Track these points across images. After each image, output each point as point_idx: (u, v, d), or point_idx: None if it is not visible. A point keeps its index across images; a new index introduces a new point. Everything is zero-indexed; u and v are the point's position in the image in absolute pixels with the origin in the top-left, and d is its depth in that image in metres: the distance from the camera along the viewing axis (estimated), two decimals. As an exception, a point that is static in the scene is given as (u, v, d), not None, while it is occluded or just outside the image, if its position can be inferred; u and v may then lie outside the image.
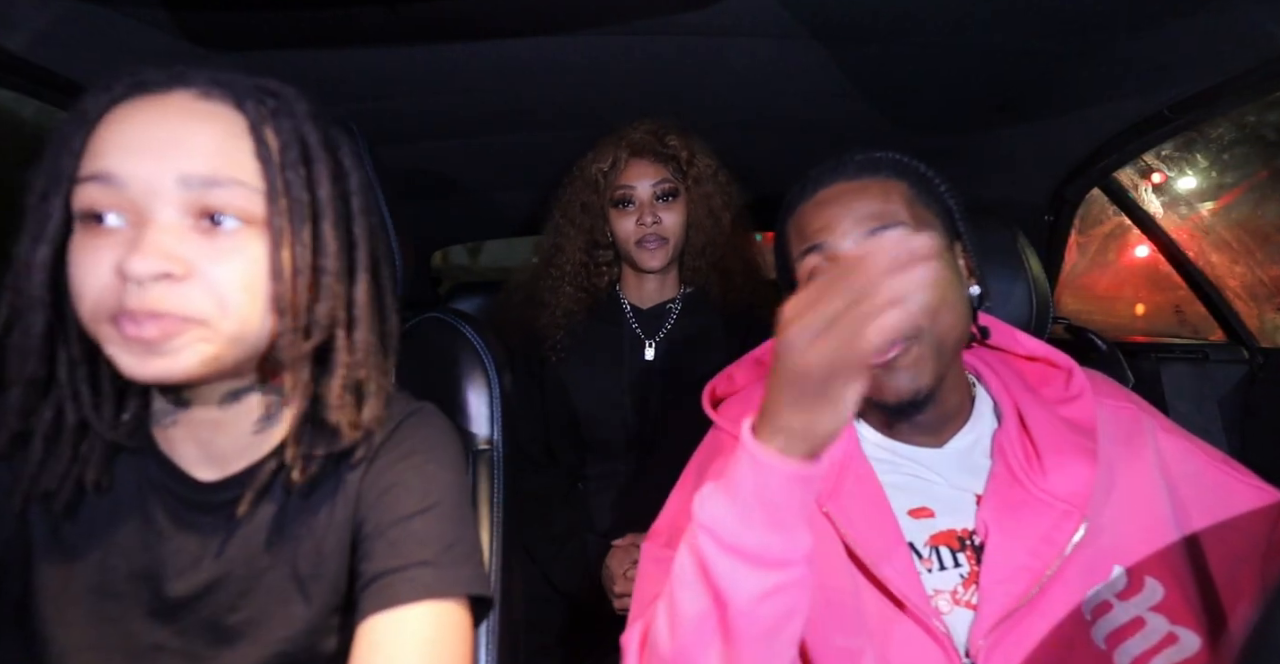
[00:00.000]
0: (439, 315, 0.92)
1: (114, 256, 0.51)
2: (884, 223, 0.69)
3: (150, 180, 0.51)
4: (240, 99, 0.55)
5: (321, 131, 0.59)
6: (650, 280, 1.38)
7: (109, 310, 0.51)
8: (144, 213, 0.51)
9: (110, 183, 0.51)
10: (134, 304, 0.50)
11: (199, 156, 0.52)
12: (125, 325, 0.50)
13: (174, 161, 0.52)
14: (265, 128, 0.55)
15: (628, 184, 1.29)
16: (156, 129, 0.52)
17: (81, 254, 0.52)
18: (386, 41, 1.05)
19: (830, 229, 0.70)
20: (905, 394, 0.69)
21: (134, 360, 0.52)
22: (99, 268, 0.51)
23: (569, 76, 1.20)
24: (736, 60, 1.16)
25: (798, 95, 1.31)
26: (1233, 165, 2.12)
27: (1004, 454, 0.73)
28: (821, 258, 0.71)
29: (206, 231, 0.53)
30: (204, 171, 0.52)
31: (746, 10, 0.99)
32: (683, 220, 1.31)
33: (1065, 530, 0.67)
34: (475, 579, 0.63)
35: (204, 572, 0.61)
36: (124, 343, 0.51)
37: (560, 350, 1.35)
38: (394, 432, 0.67)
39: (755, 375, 0.87)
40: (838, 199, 0.72)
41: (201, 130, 0.53)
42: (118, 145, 0.52)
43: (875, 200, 0.71)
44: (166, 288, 0.51)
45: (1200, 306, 1.54)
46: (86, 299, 0.52)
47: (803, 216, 0.74)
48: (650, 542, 0.76)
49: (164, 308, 0.51)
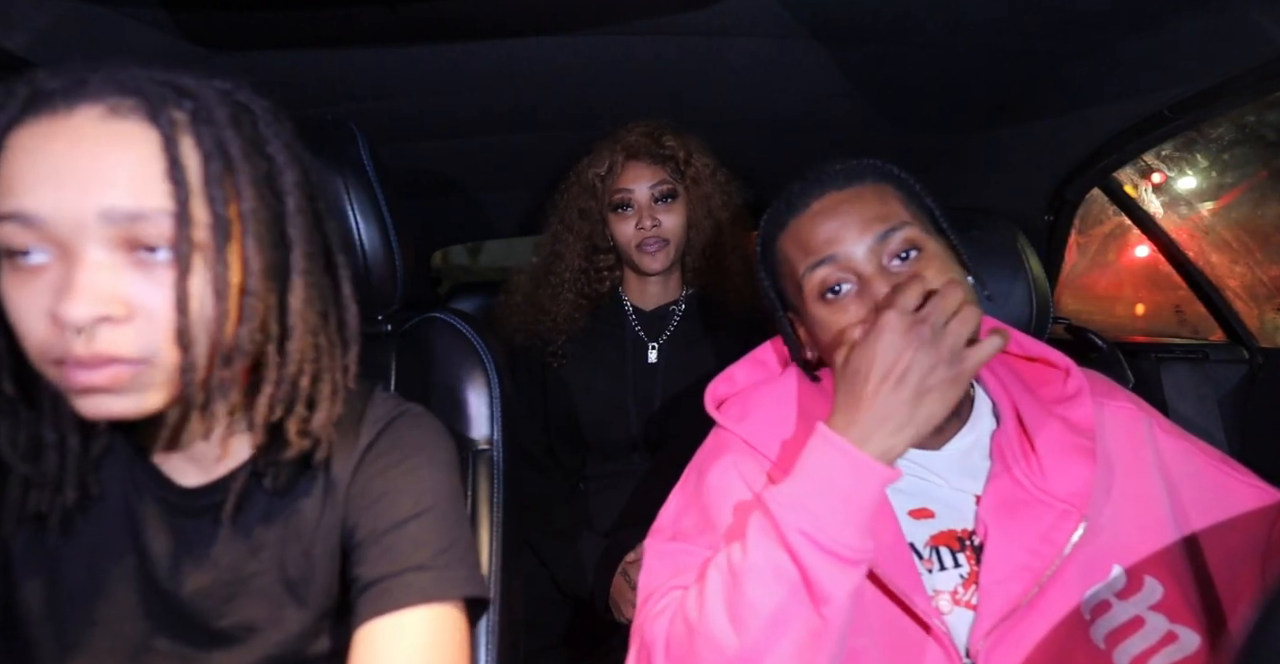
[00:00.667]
0: (439, 315, 0.92)
1: (45, 301, 0.48)
2: (890, 225, 0.69)
3: (72, 217, 0.47)
4: (154, 112, 0.49)
5: (246, 134, 0.53)
6: (652, 282, 1.37)
7: (54, 355, 0.48)
8: (70, 249, 0.48)
9: (30, 222, 0.47)
10: (79, 351, 0.47)
11: (119, 188, 0.48)
12: (74, 373, 0.48)
13: (94, 197, 0.47)
14: (182, 141, 0.50)
15: (625, 187, 1.28)
16: (69, 159, 0.47)
17: (14, 294, 0.49)
18: (386, 41, 1.05)
19: (840, 239, 0.70)
20: None
21: (90, 404, 0.50)
22: (33, 311, 0.48)
23: (569, 76, 1.20)
24: (736, 60, 1.16)
25: (798, 95, 1.31)
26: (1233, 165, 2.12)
27: (1003, 454, 0.73)
28: (835, 269, 0.70)
29: (138, 263, 0.49)
30: (127, 206, 0.48)
31: (746, 10, 0.99)
32: (683, 221, 1.30)
33: (1064, 530, 0.67)
34: (471, 581, 0.63)
35: (191, 576, 0.61)
36: (70, 387, 0.49)
37: (562, 356, 1.34)
38: (381, 433, 0.66)
39: (756, 375, 0.87)
40: (836, 208, 0.71)
41: (118, 159, 0.48)
42: (32, 180, 0.47)
43: (874, 204, 0.71)
44: (110, 331, 0.48)
45: (1200, 306, 1.54)
46: (29, 343, 0.49)
47: (801, 231, 0.73)
48: (654, 538, 0.77)
49: (111, 352, 0.48)
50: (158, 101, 0.50)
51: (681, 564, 0.71)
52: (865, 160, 0.75)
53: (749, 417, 0.79)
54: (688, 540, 0.73)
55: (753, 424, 0.78)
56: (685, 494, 0.79)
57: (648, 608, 0.69)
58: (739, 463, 0.75)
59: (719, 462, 0.76)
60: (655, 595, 0.69)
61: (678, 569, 0.70)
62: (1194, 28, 0.98)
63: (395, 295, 0.85)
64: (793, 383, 0.81)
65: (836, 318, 0.70)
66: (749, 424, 0.78)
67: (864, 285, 0.69)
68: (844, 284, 0.70)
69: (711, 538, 0.72)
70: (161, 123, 0.49)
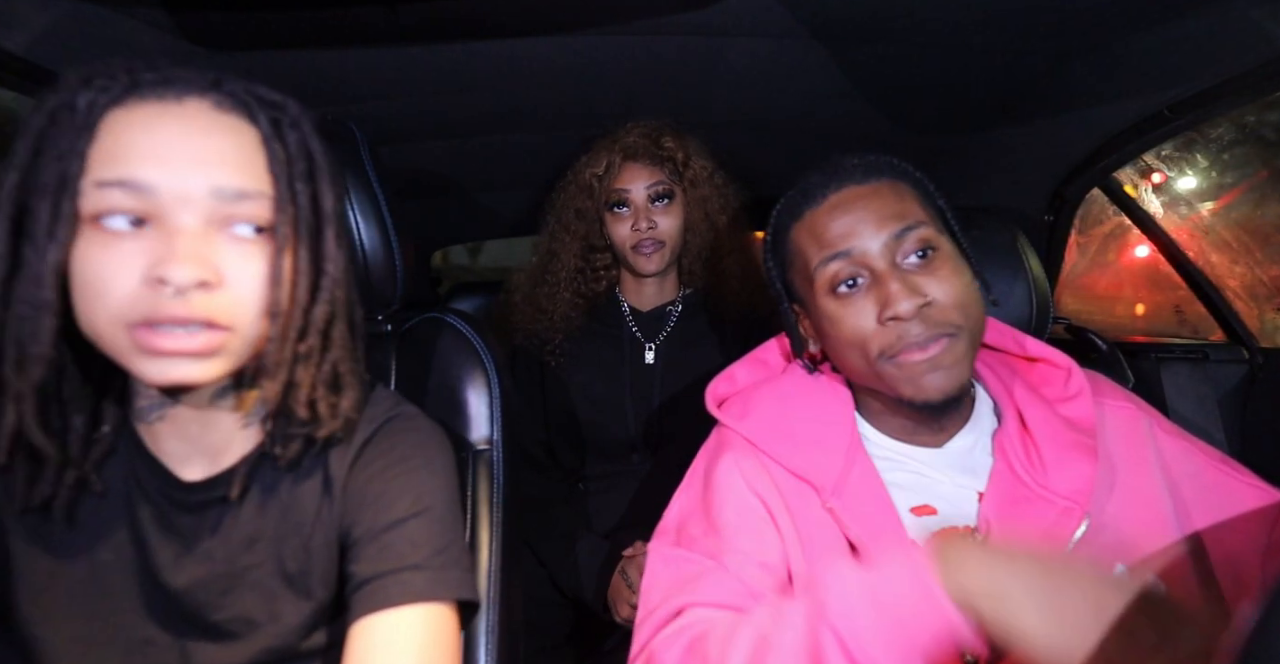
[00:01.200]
0: (439, 315, 0.92)
1: (140, 263, 0.50)
2: (907, 224, 0.69)
3: (182, 189, 0.51)
4: (253, 111, 0.56)
5: (325, 146, 0.60)
6: (649, 283, 1.37)
7: (139, 316, 0.50)
8: (170, 219, 0.52)
9: (139, 190, 0.51)
10: (177, 310, 0.50)
11: (230, 169, 0.53)
12: (159, 337, 0.50)
13: (208, 174, 0.52)
14: (276, 142, 0.56)
15: (622, 188, 1.27)
16: (182, 139, 0.52)
17: (100, 256, 0.51)
18: (386, 41, 1.05)
19: (856, 233, 0.70)
20: (950, 389, 0.68)
21: (159, 366, 0.51)
22: (122, 273, 0.50)
23: (569, 76, 1.20)
24: (736, 60, 1.16)
25: (798, 95, 1.31)
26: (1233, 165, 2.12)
27: (1005, 452, 0.73)
28: (849, 264, 0.70)
29: (231, 239, 0.54)
30: (236, 185, 0.53)
31: (746, 10, 0.99)
32: (679, 223, 1.30)
33: (1067, 527, 0.67)
34: (465, 583, 0.63)
35: (191, 569, 0.62)
36: (152, 350, 0.51)
37: (560, 355, 1.34)
38: (378, 431, 0.67)
39: (757, 374, 0.87)
40: (854, 203, 0.71)
41: (228, 144, 0.54)
42: (144, 153, 0.51)
43: (891, 201, 0.71)
44: (203, 296, 0.51)
45: (1200, 306, 1.54)
46: (110, 302, 0.50)
47: (817, 223, 0.72)
48: (658, 540, 0.77)
49: (206, 314, 0.51)
50: (254, 103, 0.56)
51: (686, 574, 0.70)
52: (884, 157, 0.75)
53: (750, 415, 0.79)
54: (693, 547, 0.72)
55: (754, 422, 0.78)
56: (690, 494, 0.79)
57: (653, 620, 0.68)
58: (741, 461, 0.76)
59: (722, 460, 0.77)
60: (661, 609, 0.68)
61: (683, 580, 0.70)
62: (1194, 28, 0.98)
63: (395, 295, 0.85)
64: (794, 381, 0.81)
65: (846, 313, 0.70)
66: (750, 422, 0.78)
67: (877, 282, 0.69)
68: (857, 279, 0.70)
69: (715, 542, 0.71)
70: (260, 121, 0.56)
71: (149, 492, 0.63)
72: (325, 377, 0.60)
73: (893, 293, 0.67)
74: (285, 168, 0.56)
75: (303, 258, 0.57)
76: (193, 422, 0.62)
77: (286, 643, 0.64)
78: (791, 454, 0.74)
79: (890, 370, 0.69)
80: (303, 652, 0.65)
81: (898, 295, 0.67)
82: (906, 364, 0.68)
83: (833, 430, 0.76)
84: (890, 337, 0.68)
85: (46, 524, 0.61)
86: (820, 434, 0.76)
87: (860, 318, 0.69)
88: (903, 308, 0.66)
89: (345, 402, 0.62)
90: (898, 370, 0.69)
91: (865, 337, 0.69)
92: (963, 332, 0.68)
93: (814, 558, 0.70)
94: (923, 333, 0.67)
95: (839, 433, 0.75)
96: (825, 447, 0.74)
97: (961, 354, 0.68)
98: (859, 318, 0.69)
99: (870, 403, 0.78)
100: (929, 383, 0.68)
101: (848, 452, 0.74)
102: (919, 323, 0.67)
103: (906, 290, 0.67)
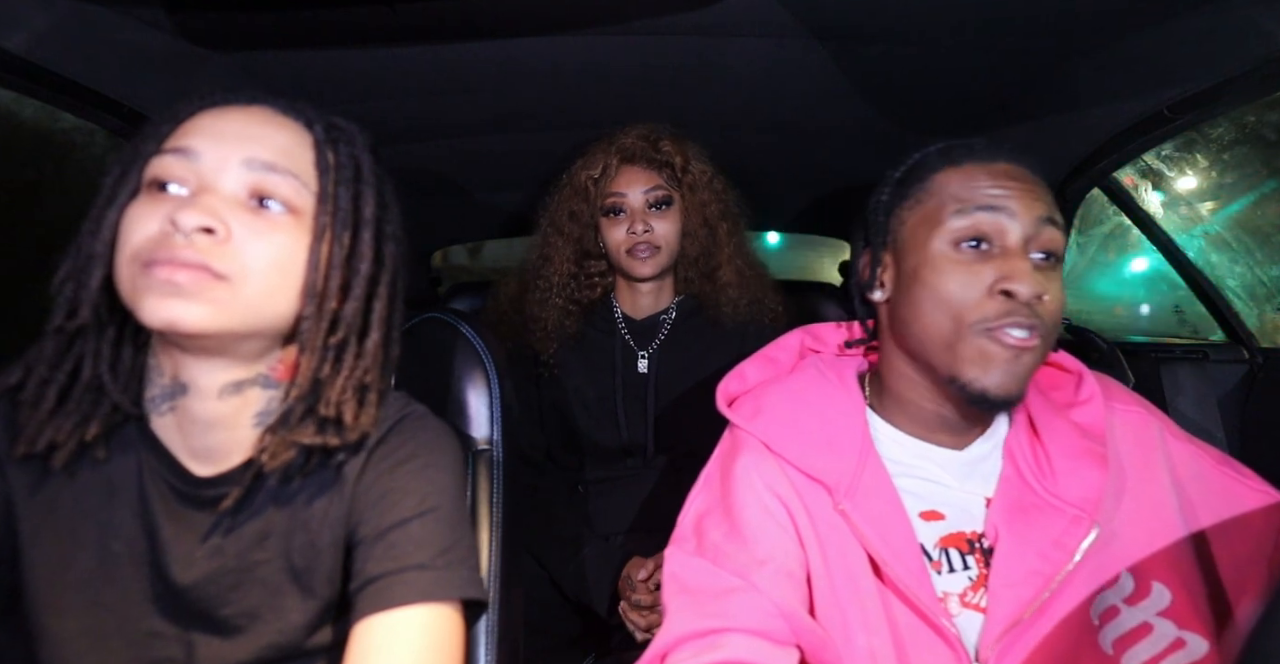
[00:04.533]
0: (439, 315, 0.92)
1: (164, 211, 0.57)
2: (1049, 215, 0.68)
3: (221, 158, 0.59)
4: (310, 121, 0.64)
5: (374, 165, 0.66)
6: (644, 292, 1.34)
7: (147, 256, 0.55)
8: (206, 184, 0.58)
9: (185, 155, 0.58)
10: (177, 250, 0.55)
11: (266, 147, 0.60)
12: (158, 269, 0.55)
13: (244, 148, 0.59)
14: (327, 147, 0.63)
15: (618, 192, 1.25)
16: (236, 124, 0.61)
17: (141, 211, 0.58)
18: (386, 41, 1.05)
19: (1014, 198, 0.68)
20: (1012, 392, 0.66)
21: (154, 303, 0.55)
22: (151, 221, 0.57)
23: (569, 77, 1.20)
24: (736, 60, 1.16)
25: (798, 96, 1.31)
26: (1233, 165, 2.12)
27: (1014, 458, 0.72)
28: (991, 221, 0.67)
29: (254, 211, 0.59)
30: (267, 158, 0.60)
31: (746, 10, 0.99)
32: (676, 229, 1.27)
33: (1076, 536, 0.67)
34: (470, 583, 0.63)
35: (199, 563, 0.62)
36: (150, 286, 0.55)
37: (554, 366, 1.32)
38: (390, 431, 0.67)
39: (767, 372, 0.85)
40: (1018, 178, 0.70)
41: (273, 132, 0.61)
42: (200, 130, 0.60)
43: (1044, 194, 0.70)
44: (207, 242, 0.56)
45: (1200, 306, 1.54)
46: (130, 246, 0.57)
47: (977, 175, 0.70)
48: (676, 546, 0.74)
49: (203, 259, 0.55)
50: (314, 117, 0.64)
51: (715, 589, 0.68)
52: None
53: (762, 414, 0.77)
54: (719, 556, 0.70)
55: (765, 422, 0.76)
56: (707, 498, 0.77)
57: (677, 633, 0.66)
58: (758, 463, 0.74)
59: (738, 462, 0.75)
60: (691, 625, 0.66)
61: (712, 595, 0.68)
62: (1194, 28, 0.98)
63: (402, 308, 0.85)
64: (805, 379, 0.80)
65: (961, 270, 0.67)
66: (762, 422, 0.76)
67: (1004, 254, 0.67)
68: (988, 242, 0.68)
69: (738, 547, 0.70)
70: (316, 131, 0.64)
71: (161, 485, 0.63)
72: (355, 383, 0.63)
73: (1023, 271, 0.65)
74: (332, 171, 0.63)
75: (337, 252, 0.61)
76: (197, 423, 0.62)
77: (291, 639, 0.64)
78: (804, 454, 0.73)
79: (976, 344, 0.66)
80: (308, 649, 0.65)
81: (1027, 274, 0.65)
82: (998, 342, 0.65)
83: (845, 431, 0.74)
84: (996, 309, 0.65)
85: (58, 514, 0.62)
86: (832, 434, 0.74)
87: (973, 280, 0.67)
88: (1025, 287, 0.64)
89: (365, 416, 0.64)
90: (985, 346, 0.66)
91: (970, 301, 0.66)
92: (1046, 343, 0.67)
93: (831, 560, 0.69)
94: (1027, 319, 0.65)
95: (851, 433, 0.74)
96: (837, 447, 0.73)
97: (1035, 362, 0.67)
98: (969, 280, 0.67)
99: (900, 392, 0.75)
100: (1002, 374, 0.66)
101: (860, 453, 0.73)
102: (1029, 309, 0.65)
103: (1036, 275, 0.66)
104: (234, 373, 0.62)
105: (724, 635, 0.65)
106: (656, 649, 0.67)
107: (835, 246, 2.26)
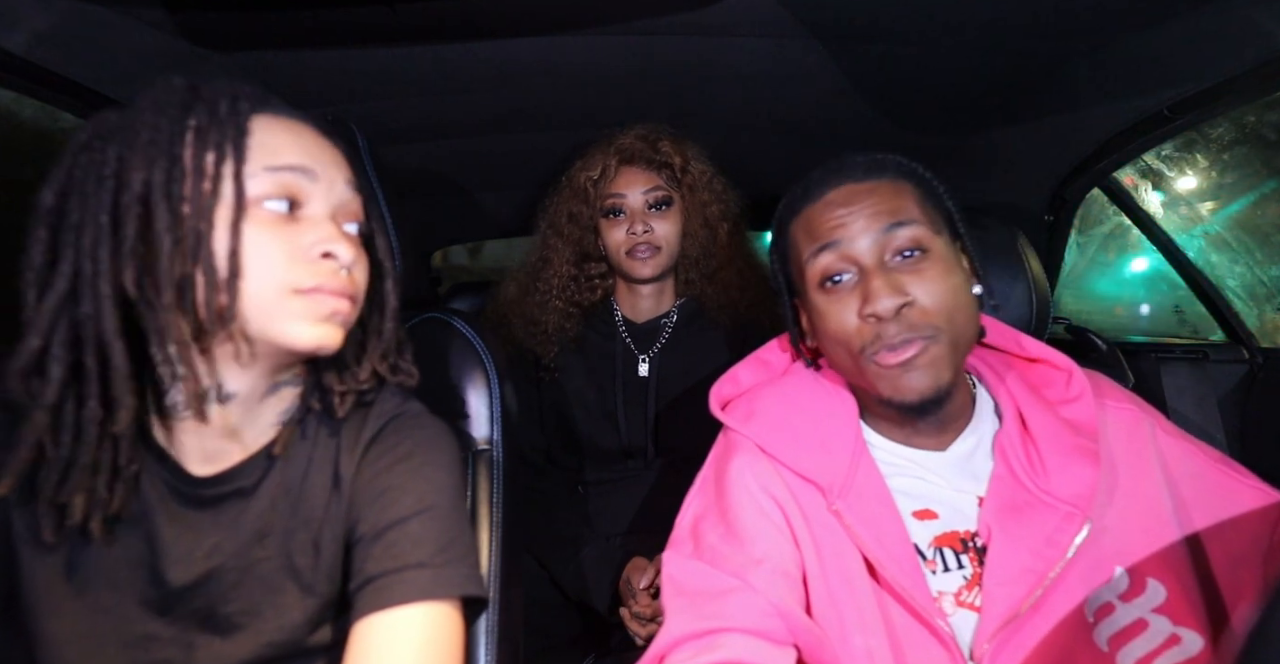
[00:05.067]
0: (439, 315, 0.92)
1: (312, 240, 0.59)
2: (897, 220, 0.69)
3: (331, 180, 0.62)
4: (334, 140, 0.66)
5: None
6: (645, 295, 1.33)
7: (307, 284, 0.58)
8: (312, 206, 0.61)
9: (309, 175, 0.60)
10: (337, 284, 0.59)
11: (344, 166, 0.64)
12: (321, 297, 0.59)
13: (340, 167, 0.64)
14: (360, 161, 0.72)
15: (618, 192, 1.25)
16: (318, 148, 0.63)
17: (275, 234, 0.58)
18: (386, 41, 1.05)
19: (845, 226, 0.70)
20: (927, 392, 0.68)
21: (308, 328, 0.58)
22: (295, 247, 0.58)
23: (569, 76, 1.20)
24: (736, 60, 1.16)
25: (798, 95, 1.31)
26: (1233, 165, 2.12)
27: (1005, 455, 0.73)
28: (836, 257, 0.71)
29: (348, 234, 0.63)
30: (350, 178, 0.65)
31: (746, 10, 0.99)
32: (677, 230, 1.27)
33: (1068, 532, 0.67)
34: (470, 580, 0.63)
35: (199, 563, 0.62)
36: (307, 311, 0.58)
37: (554, 369, 1.32)
38: (385, 428, 0.67)
39: (760, 376, 0.86)
40: (849, 199, 0.72)
41: (330, 144, 0.65)
42: (306, 151, 0.61)
43: (887, 198, 0.71)
44: (333, 267, 0.60)
45: (1200, 306, 1.54)
46: (276, 273, 0.58)
47: (811, 218, 0.73)
48: (673, 549, 0.75)
49: (349, 289, 0.61)
50: (344, 131, 0.71)
51: (713, 589, 0.69)
52: (890, 156, 0.75)
53: (755, 417, 0.78)
54: (716, 558, 0.71)
55: (759, 425, 0.77)
56: (702, 500, 0.78)
57: (676, 633, 0.67)
58: (752, 464, 0.75)
59: (732, 464, 0.76)
60: (690, 626, 0.67)
61: (709, 595, 0.68)
62: (1194, 28, 0.98)
63: None
64: (797, 382, 0.81)
65: (834, 307, 0.71)
66: (755, 424, 0.77)
67: (862, 277, 0.69)
68: (844, 274, 0.70)
69: (735, 549, 0.70)
70: (346, 151, 0.67)
71: (159, 486, 0.63)
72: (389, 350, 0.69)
73: (874, 289, 0.68)
74: (366, 183, 0.67)
75: (383, 253, 0.68)
76: (230, 421, 0.62)
77: (291, 637, 0.64)
78: (798, 456, 0.74)
79: (870, 368, 0.69)
80: (308, 647, 0.65)
81: (878, 292, 0.67)
82: (881, 365, 0.68)
83: (837, 432, 0.75)
84: (869, 334, 0.69)
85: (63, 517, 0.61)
86: (825, 436, 0.75)
87: (844, 313, 0.70)
88: (881, 306, 0.67)
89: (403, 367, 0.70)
90: (876, 370, 0.69)
91: (849, 332, 0.70)
92: (942, 334, 0.68)
93: (826, 560, 0.69)
94: (898, 334, 0.67)
95: (844, 434, 0.75)
96: (830, 448, 0.74)
97: (939, 357, 0.68)
98: (843, 313, 0.70)
99: (869, 405, 0.78)
100: (904, 383, 0.68)
101: (852, 453, 0.74)
102: (896, 323, 0.67)
103: (888, 288, 0.67)
104: (279, 376, 0.64)
105: (722, 635, 0.65)
106: (655, 650, 0.67)
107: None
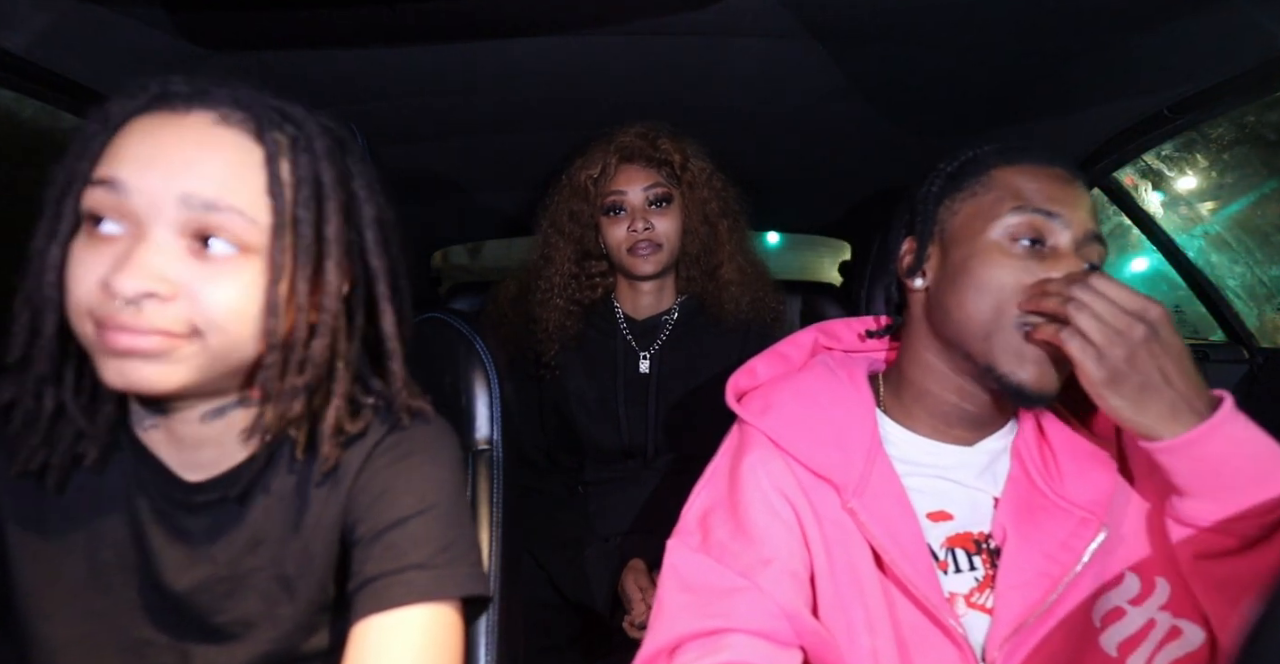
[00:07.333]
0: (439, 315, 0.92)
1: (102, 268, 0.51)
2: (1096, 231, 0.69)
3: (154, 194, 0.51)
4: (261, 128, 0.55)
5: (337, 166, 0.59)
6: (646, 292, 1.34)
7: (96, 315, 0.51)
8: (142, 225, 0.52)
9: (116, 189, 0.51)
10: (126, 320, 0.50)
11: (206, 180, 0.52)
12: (109, 336, 0.51)
13: (180, 180, 0.52)
14: (281, 161, 0.55)
15: (618, 190, 1.25)
16: (170, 147, 0.53)
17: (80, 255, 0.52)
18: (386, 41, 1.05)
19: (1070, 207, 0.68)
20: (1053, 389, 0.67)
21: (120, 368, 0.52)
22: (88, 275, 0.51)
23: (569, 76, 1.20)
24: (736, 60, 1.16)
25: (798, 95, 1.31)
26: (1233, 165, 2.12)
27: (1022, 459, 0.72)
28: (1048, 226, 0.68)
29: (198, 254, 0.53)
30: (207, 195, 0.52)
31: (746, 10, 0.99)
32: (677, 227, 1.28)
33: (1084, 537, 0.66)
34: (471, 579, 0.63)
35: (191, 571, 0.61)
36: (106, 351, 0.51)
37: (555, 367, 1.32)
38: (390, 431, 0.66)
39: (777, 369, 0.85)
40: (1073, 186, 0.70)
41: (214, 156, 0.53)
42: (131, 155, 0.52)
43: (1092, 205, 0.71)
44: (153, 306, 0.51)
45: (1200, 306, 1.54)
46: (74, 299, 0.52)
47: (1039, 178, 0.70)
48: (679, 539, 0.74)
49: (153, 326, 0.51)
50: (266, 120, 0.55)
51: (718, 587, 0.68)
52: None
53: (770, 411, 0.76)
54: (723, 554, 0.70)
55: (774, 418, 0.75)
56: (712, 492, 0.76)
57: (677, 630, 0.66)
58: (765, 460, 0.74)
59: (745, 459, 0.74)
60: (693, 624, 0.66)
61: (715, 593, 0.68)
62: (1194, 28, 0.98)
63: None
64: (814, 377, 0.80)
65: (1013, 263, 0.68)
66: (771, 419, 0.76)
67: (1055, 260, 0.67)
68: (1044, 243, 0.68)
69: (744, 546, 0.69)
70: (267, 140, 0.55)
71: (150, 492, 0.62)
72: (342, 406, 0.61)
73: (1082, 270, 0.66)
74: (290, 191, 0.55)
75: (300, 290, 0.56)
76: (186, 438, 0.61)
77: (286, 645, 0.64)
78: (813, 452, 0.72)
79: (1014, 341, 0.66)
80: (305, 654, 0.65)
81: (1083, 275, 0.64)
82: (1034, 340, 0.66)
83: (854, 429, 0.74)
84: (1053, 300, 0.64)
85: (47, 522, 0.61)
86: (841, 432, 0.74)
87: (1024, 270, 0.67)
88: (1083, 290, 0.63)
89: (360, 423, 0.64)
90: (1020, 344, 0.66)
91: (1017, 290, 0.67)
92: None
93: (836, 560, 0.68)
94: None
95: (860, 432, 0.74)
96: (846, 445, 0.73)
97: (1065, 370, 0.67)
98: (1023, 270, 0.67)
99: (922, 385, 0.75)
100: (1049, 370, 0.66)
101: (868, 451, 0.72)
102: None
103: None
104: (213, 402, 0.60)
105: (728, 636, 0.65)
106: (658, 643, 0.67)
107: (835, 247, 2.26)
